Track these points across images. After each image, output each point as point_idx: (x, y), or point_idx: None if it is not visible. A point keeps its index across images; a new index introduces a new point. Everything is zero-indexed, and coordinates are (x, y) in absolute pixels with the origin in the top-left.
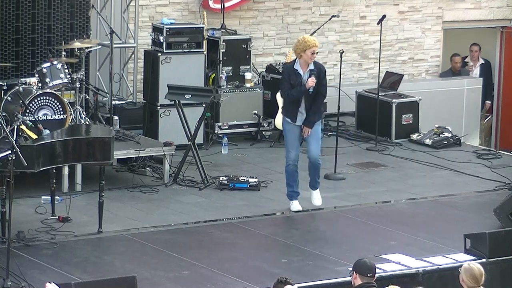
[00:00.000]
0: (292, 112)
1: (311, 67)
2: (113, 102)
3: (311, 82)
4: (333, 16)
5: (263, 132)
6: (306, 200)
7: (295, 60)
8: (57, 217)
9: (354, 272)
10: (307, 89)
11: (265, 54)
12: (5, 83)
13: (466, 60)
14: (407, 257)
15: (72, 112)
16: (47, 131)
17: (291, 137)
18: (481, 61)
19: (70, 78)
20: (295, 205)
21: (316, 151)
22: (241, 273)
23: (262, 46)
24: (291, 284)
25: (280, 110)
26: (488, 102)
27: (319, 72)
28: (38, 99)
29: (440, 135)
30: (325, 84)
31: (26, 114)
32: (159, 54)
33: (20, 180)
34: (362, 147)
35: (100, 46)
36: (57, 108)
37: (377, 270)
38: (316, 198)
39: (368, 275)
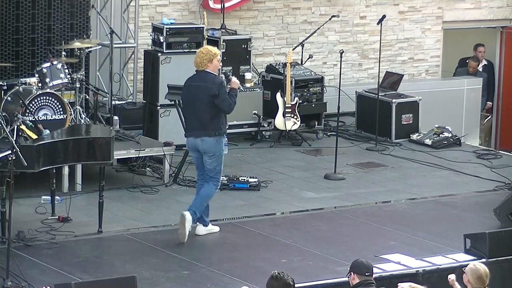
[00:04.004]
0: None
1: None
2: (113, 102)
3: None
4: (333, 16)
5: (263, 132)
6: (305, 200)
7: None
8: (57, 217)
9: (352, 273)
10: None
11: (265, 54)
12: (5, 83)
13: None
14: (407, 257)
15: (72, 112)
16: (47, 131)
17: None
18: (484, 62)
19: (70, 78)
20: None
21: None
22: (241, 273)
23: (262, 46)
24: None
25: (280, 110)
26: (489, 102)
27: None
28: (38, 99)
29: (440, 135)
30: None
31: (26, 114)
32: (159, 54)
33: (20, 180)
34: (362, 147)
35: (100, 46)
36: (57, 108)
37: (377, 270)
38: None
39: (366, 274)
